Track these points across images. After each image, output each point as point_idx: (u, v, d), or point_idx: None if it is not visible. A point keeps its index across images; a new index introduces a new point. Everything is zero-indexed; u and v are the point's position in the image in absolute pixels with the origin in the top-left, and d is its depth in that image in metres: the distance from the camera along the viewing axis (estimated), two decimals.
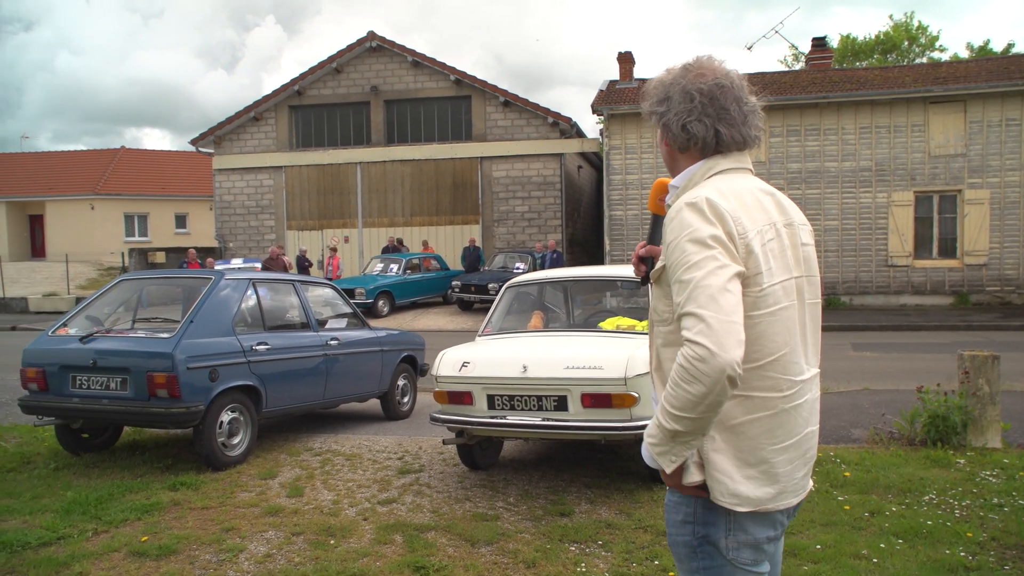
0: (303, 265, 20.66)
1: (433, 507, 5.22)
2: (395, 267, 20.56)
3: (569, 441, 6.58)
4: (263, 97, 25.78)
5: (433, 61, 24.64)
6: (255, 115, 25.78)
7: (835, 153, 20.05)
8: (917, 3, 73.60)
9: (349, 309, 8.22)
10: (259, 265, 19.51)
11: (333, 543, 4.58)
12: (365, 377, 7.94)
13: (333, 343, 7.44)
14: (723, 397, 1.71)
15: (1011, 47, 39.47)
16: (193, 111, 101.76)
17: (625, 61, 24.03)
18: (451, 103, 25.11)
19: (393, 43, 24.86)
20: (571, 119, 23.89)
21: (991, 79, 19.28)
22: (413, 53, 24.78)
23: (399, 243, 23.42)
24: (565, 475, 5.96)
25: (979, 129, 19.29)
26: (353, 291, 18.47)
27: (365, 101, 25.38)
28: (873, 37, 43.12)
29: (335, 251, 21.34)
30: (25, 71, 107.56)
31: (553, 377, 5.18)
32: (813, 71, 23.10)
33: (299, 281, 7.80)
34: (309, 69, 25.41)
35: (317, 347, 7.26)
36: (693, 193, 1.89)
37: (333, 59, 25.15)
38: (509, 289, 6.61)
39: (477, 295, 19.31)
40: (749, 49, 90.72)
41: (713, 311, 1.70)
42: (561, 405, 5.19)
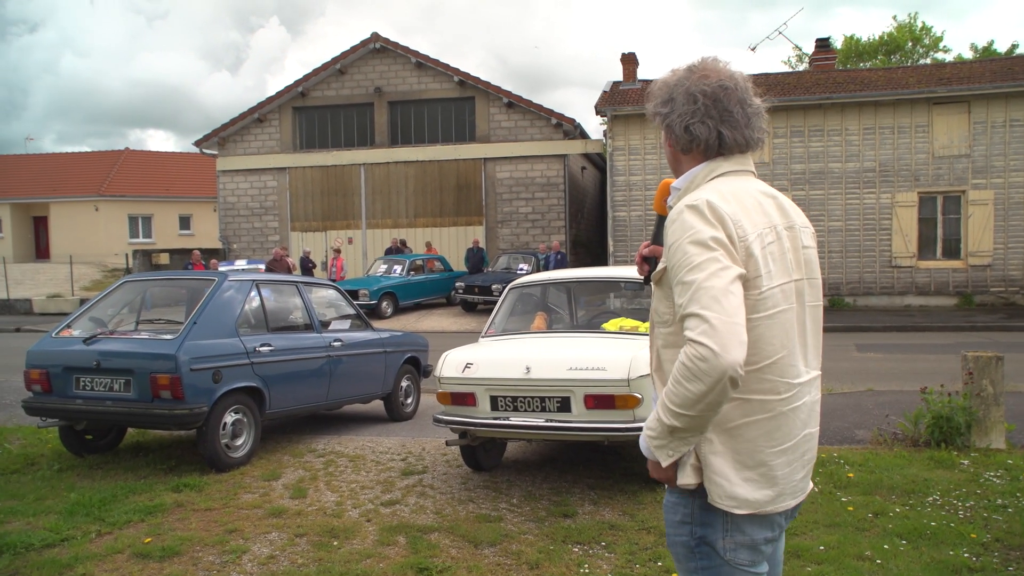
0: (307, 266, 20.70)
1: (436, 508, 5.23)
2: (399, 268, 20.57)
3: (572, 442, 6.58)
4: (267, 98, 25.83)
5: (437, 62, 24.66)
6: (259, 116, 25.82)
7: (839, 154, 20.02)
8: (921, 4, 73.50)
9: (352, 310, 8.23)
10: (263, 266, 19.56)
11: (336, 544, 4.59)
12: (368, 378, 7.95)
13: (336, 344, 7.45)
14: (723, 397, 1.72)
15: (1015, 48, 39.40)
16: (197, 112, 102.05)
17: (629, 62, 24.03)
18: (455, 104, 25.13)
19: (397, 44, 24.89)
20: (575, 120, 23.90)
21: (995, 80, 19.25)
22: (417, 54, 24.80)
23: (402, 244, 23.41)
24: (568, 476, 5.95)
25: (983, 130, 19.26)
26: (357, 292, 18.49)
27: (369, 102, 25.41)
28: (877, 38, 43.08)
29: (339, 252, 21.37)
30: (30, 73, 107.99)
31: (556, 378, 5.18)
32: (817, 72, 23.07)
33: (302, 282, 7.81)
34: (313, 70, 25.46)
35: (320, 348, 7.26)
36: (694, 195, 1.90)
37: (337, 60, 25.19)
38: (512, 290, 6.61)
39: (481, 296, 19.31)
40: (753, 50, 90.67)
41: (717, 312, 1.71)
42: (564, 406, 5.18)
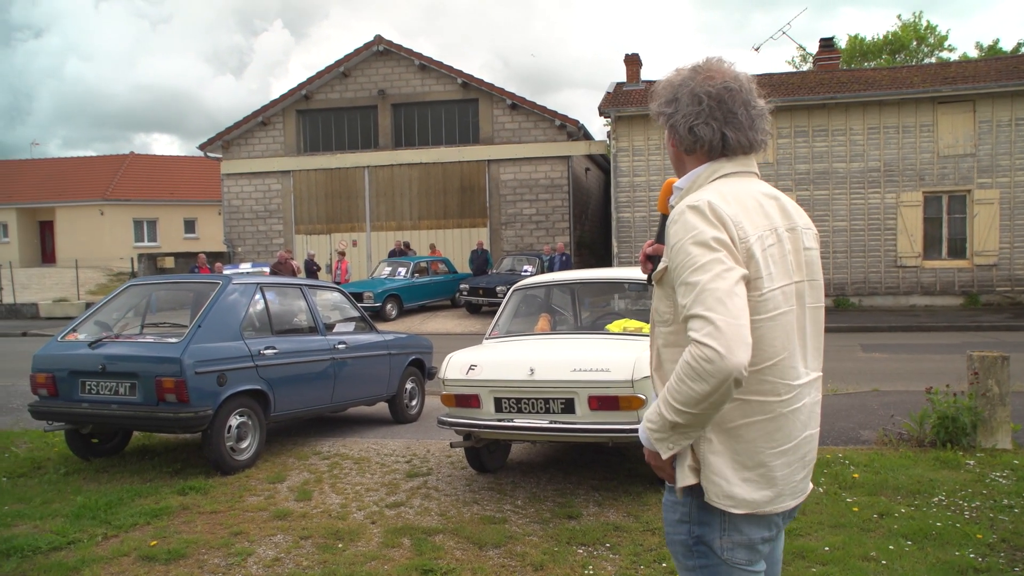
0: (311, 269, 20.73)
1: (441, 510, 5.23)
2: (403, 270, 20.58)
3: (576, 443, 6.57)
4: (271, 102, 25.88)
5: (440, 64, 24.69)
6: (263, 120, 25.88)
7: (843, 154, 19.99)
8: (926, 3, 73.34)
9: (357, 313, 8.24)
10: (267, 269, 19.59)
11: (341, 547, 4.60)
12: (373, 381, 7.95)
13: (341, 347, 7.46)
14: (727, 397, 1.73)
15: (1021, 46, 39.28)
16: (201, 116, 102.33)
17: (632, 63, 24.03)
18: (458, 106, 25.15)
19: (400, 47, 24.93)
20: (578, 121, 23.90)
21: (1000, 79, 19.19)
22: (420, 56, 24.83)
23: (406, 246, 23.41)
24: (573, 478, 5.95)
25: (988, 129, 19.21)
26: (361, 295, 18.51)
27: (372, 105, 25.46)
28: (881, 37, 43.02)
29: (343, 255, 21.41)
30: (35, 78, 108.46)
31: (560, 380, 5.18)
32: (821, 72, 23.04)
33: (307, 285, 7.83)
34: (316, 73, 25.52)
35: (325, 351, 7.27)
36: (695, 196, 1.90)
37: (340, 63, 25.24)
38: (516, 292, 6.61)
39: (485, 298, 19.32)
40: (756, 50, 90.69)
41: (722, 314, 1.71)
42: (568, 408, 5.18)
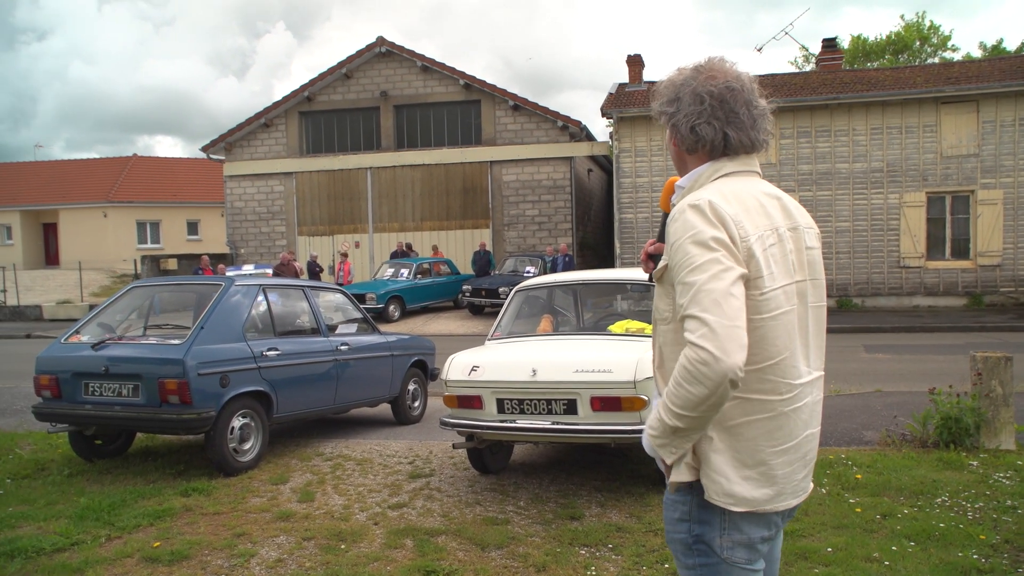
0: (314, 270, 20.74)
1: (443, 511, 5.23)
2: (406, 272, 20.60)
3: (579, 444, 6.57)
4: (273, 103, 25.93)
5: (442, 66, 24.71)
6: (265, 121, 25.92)
7: (846, 154, 19.96)
8: (929, 3, 73.21)
9: (359, 314, 8.25)
10: (270, 271, 19.62)
11: (344, 548, 4.60)
12: (376, 382, 7.96)
13: (343, 348, 7.46)
14: (724, 399, 1.74)
15: None
16: (204, 118, 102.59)
17: (634, 64, 24.04)
18: (461, 107, 25.17)
19: (402, 48, 24.96)
20: (581, 122, 23.91)
21: (1004, 78, 19.16)
22: (422, 58, 24.86)
23: (408, 248, 23.42)
24: (575, 479, 5.95)
25: (992, 129, 19.17)
26: (364, 296, 18.52)
27: (375, 106, 25.48)
28: (884, 37, 42.98)
29: (346, 256, 21.42)
30: (39, 80, 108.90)
31: (562, 381, 5.18)
32: (824, 72, 23.02)
33: (309, 286, 7.84)
34: (319, 75, 25.56)
35: (327, 352, 7.28)
36: (696, 195, 1.90)
37: (343, 65, 25.27)
38: (518, 293, 6.60)
39: (488, 299, 19.32)
40: (759, 51, 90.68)
41: (717, 315, 1.71)
42: (571, 409, 5.18)
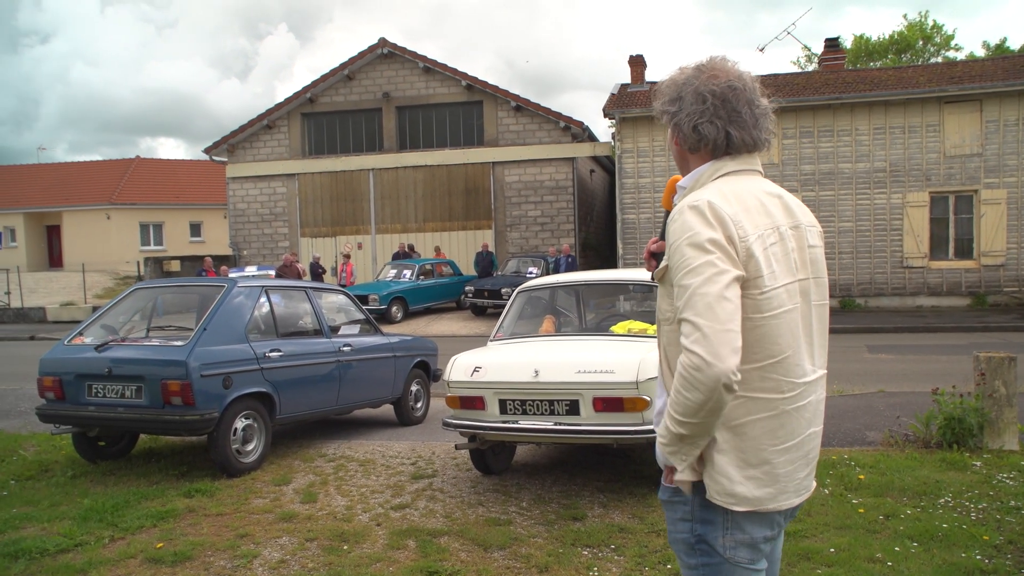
0: (316, 272, 20.76)
1: (446, 512, 5.24)
2: (408, 273, 20.60)
3: (581, 445, 6.57)
4: (276, 105, 25.96)
5: (444, 67, 24.73)
6: (268, 123, 25.95)
7: (849, 154, 19.94)
8: (932, 2, 73.15)
9: (362, 315, 8.25)
10: (273, 272, 19.63)
11: (346, 548, 4.61)
12: (378, 383, 7.96)
13: (346, 349, 7.47)
14: (722, 404, 1.76)
15: None
16: (207, 120, 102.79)
17: (636, 64, 24.04)
18: (463, 108, 25.19)
19: (404, 49, 24.98)
20: (583, 123, 23.91)
21: (1008, 78, 19.12)
22: (424, 59, 24.87)
23: (410, 249, 23.42)
24: (578, 479, 5.95)
25: (995, 128, 19.13)
26: (367, 297, 18.53)
27: (377, 108, 25.50)
28: (887, 37, 42.95)
29: (348, 257, 21.43)
30: (42, 83, 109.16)
31: (565, 381, 5.18)
32: (826, 72, 23.00)
33: (312, 288, 7.84)
34: (321, 76, 25.59)
35: (330, 353, 7.29)
36: (696, 195, 1.90)
37: (345, 66, 25.30)
38: (521, 294, 6.60)
39: (490, 300, 19.33)
40: (761, 51, 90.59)
41: (709, 320, 1.73)
42: (573, 409, 5.18)
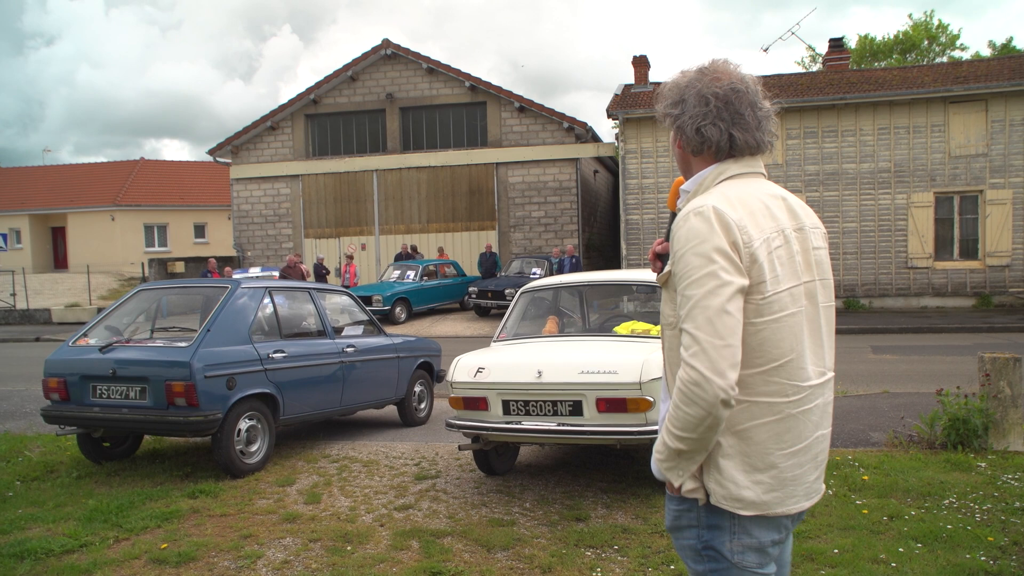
0: (320, 273, 20.78)
1: (449, 513, 5.24)
2: (412, 274, 20.61)
3: (584, 446, 6.57)
4: (279, 106, 25.99)
5: (448, 68, 24.74)
6: (271, 124, 25.99)
7: (853, 155, 19.90)
8: (937, 1, 72.93)
9: (365, 316, 8.26)
10: (277, 274, 19.66)
11: (350, 549, 4.61)
12: (382, 384, 7.97)
13: (349, 350, 7.48)
14: (720, 419, 1.77)
15: None
16: (211, 121, 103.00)
17: (640, 65, 24.02)
18: (466, 109, 25.19)
19: (408, 50, 24.99)
20: (586, 124, 23.89)
21: (1013, 77, 19.04)
22: (428, 60, 24.89)
23: (413, 250, 23.42)
24: (581, 480, 5.95)
25: (1001, 128, 19.07)
26: (370, 298, 18.54)
27: (380, 109, 25.53)
28: (892, 37, 42.90)
29: (351, 258, 21.44)
30: (47, 85, 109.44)
31: (568, 382, 5.18)
32: (830, 72, 22.95)
33: (315, 289, 7.85)
34: (325, 78, 25.61)
35: (334, 354, 7.30)
36: (700, 200, 1.90)
37: (348, 67, 25.32)
38: (524, 294, 6.61)
39: (494, 301, 19.34)
40: (765, 51, 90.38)
41: (708, 334, 1.74)
42: (576, 410, 5.18)
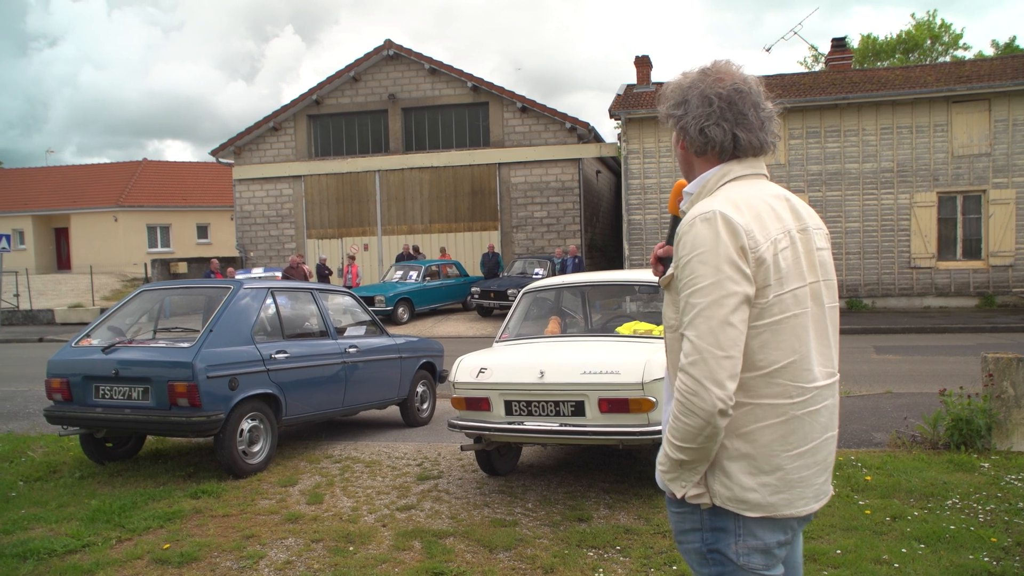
0: (323, 273, 20.79)
1: (452, 513, 5.24)
2: (414, 274, 20.61)
3: (587, 446, 6.57)
4: (282, 107, 26.02)
5: (450, 68, 24.74)
6: (274, 125, 26.01)
7: (856, 155, 19.87)
8: (940, 1, 72.70)
9: (367, 316, 8.26)
10: (279, 274, 19.67)
11: (352, 550, 4.61)
12: (384, 384, 7.97)
13: (352, 351, 7.48)
14: (719, 430, 1.79)
15: None
16: (214, 122, 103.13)
17: (642, 65, 24.02)
18: (469, 110, 25.20)
19: (410, 51, 25.00)
20: (589, 124, 23.88)
21: (1017, 77, 19.00)
22: (430, 60, 24.90)
23: (415, 250, 23.42)
24: (583, 480, 5.95)
25: (1004, 128, 19.04)
26: (373, 298, 18.55)
27: (383, 109, 25.54)
28: (895, 36, 42.81)
29: (353, 259, 21.44)
30: (50, 86, 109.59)
31: (570, 382, 5.18)
32: (833, 72, 22.92)
33: (318, 289, 7.86)
34: (327, 78, 25.63)
35: (336, 355, 7.30)
36: (707, 204, 1.88)
37: (351, 68, 25.33)
38: (526, 295, 6.60)
39: (496, 301, 19.34)
40: (768, 51, 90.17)
41: (709, 344, 1.75)
42: (578, 410, 5.18)
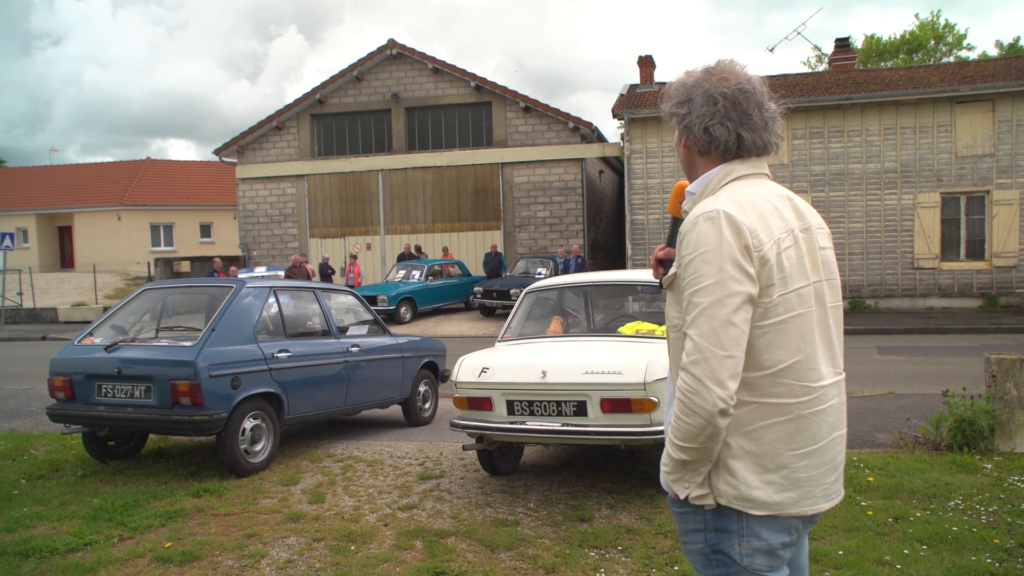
0: (325, 273, 20.81)
1: (453, 513, 5.24)
2: (417, 273, 20.63)
3: (589, 446, 6.56)
4: (285, 106, 26.05)
5: (453, 68, 24.74)
6: (277, 124, 26.04)
7: (859, 155, 19.84)
8: (944, 1, 72.65)
9: (370, 316, 8.27)
10: (282, 273, 19.69)
11: (354, 549, 4.61)
12: (386, 383, 7.98)
13: (354, 350, 7.48)
14: (720, 430, 1.78)
15: None
16: (217, 121, 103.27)
17: (646, 65, 24.00)
18: (472, 109, 25.20)
19: (413, 50, 25.01)
20: (592, 124, 23.87)
21: (1020, 77, 18.96)
22: (433, 60, 24.90)
23: (417, 250, 23.41)
24: (585, 480, 5.95)
25: (1008, 128, 19.00)
26: (375, 298, 18.57)
27: (386, 109, 25.55)
28: (898, 37, 42.81)
29: (355, 258, 21.45)
30: (54, 85, 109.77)
31: (572, 382, 5.18)
32: (836, 72, 22.90)
33: (320, 288, 7.86)
34: (330, 78, 25.65)
35: (338, 354, 7.30)
36: (710, 204, 1.87)
37: (354, 67, 25.35)
38: (529, 294, 6.60)
39: (499, 301, 19.35)
40: (771, 51, 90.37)
41: (711, 343, 1.75)
42: (580, 410, 5.18)
